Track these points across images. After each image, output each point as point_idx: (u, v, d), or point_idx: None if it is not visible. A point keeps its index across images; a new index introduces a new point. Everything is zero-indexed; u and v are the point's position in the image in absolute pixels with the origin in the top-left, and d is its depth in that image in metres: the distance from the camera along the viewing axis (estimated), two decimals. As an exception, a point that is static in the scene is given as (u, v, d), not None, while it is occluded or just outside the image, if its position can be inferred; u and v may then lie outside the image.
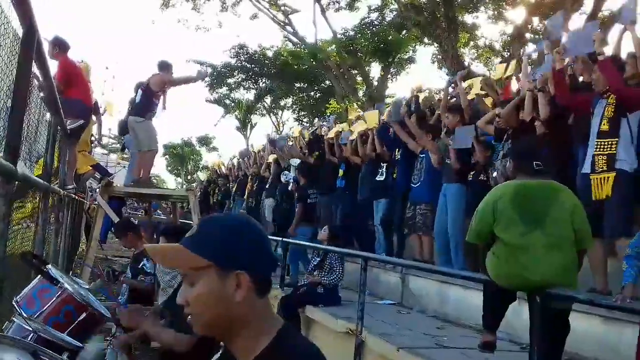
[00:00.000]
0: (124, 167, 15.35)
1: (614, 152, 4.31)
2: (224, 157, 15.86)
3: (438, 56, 19.24)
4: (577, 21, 16.60)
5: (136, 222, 8.39)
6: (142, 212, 16.60)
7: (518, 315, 4.31)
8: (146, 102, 7.71)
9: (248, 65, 27.21)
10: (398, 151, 7.34)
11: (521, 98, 5.50)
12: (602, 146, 4.39)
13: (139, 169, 7.98)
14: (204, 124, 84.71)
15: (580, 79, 5.65)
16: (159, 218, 14.36)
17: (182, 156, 47.43)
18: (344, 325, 5.44)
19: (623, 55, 5.41)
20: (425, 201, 6.56)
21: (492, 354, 3.86)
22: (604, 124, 4.44)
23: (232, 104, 31.44)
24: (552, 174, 3.89)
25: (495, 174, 5.45)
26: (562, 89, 4.85)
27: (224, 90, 30.04)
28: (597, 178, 4.38)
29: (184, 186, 37.12)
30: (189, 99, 49.87)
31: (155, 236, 8.56)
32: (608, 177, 4.30)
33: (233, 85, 29.24)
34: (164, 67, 7.90)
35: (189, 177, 44.87)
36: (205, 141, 46.64)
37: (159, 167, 48.96)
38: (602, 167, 4.35)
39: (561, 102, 4.96)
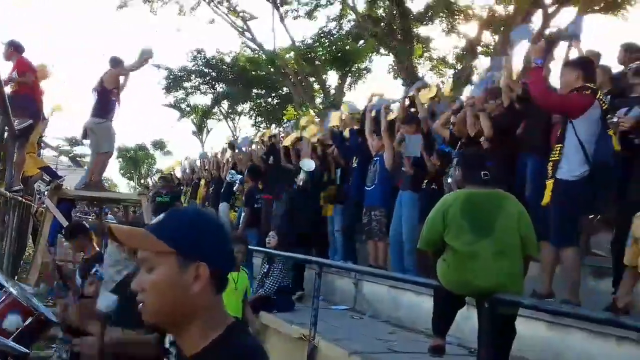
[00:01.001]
0: (75, 169, 14.93)
1: (558, 158, 4.32)
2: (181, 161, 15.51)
3: (394, 67, 19.56)
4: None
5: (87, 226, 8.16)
6: (92, 215, 16.14)
7: (467, 320, 4.43)
8: (103, 102, 7.58)
9: (205, 70, 26.96)
10: (355, 159, 7.44)
11: (465, 113, 5.67)
12: (553, 153, 4.43)
13: (92, 172, 7.82)
14: (158, 127, 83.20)
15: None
16: (111, 222, 14.00)
17: (135, 160, 46.44)
18: (298, 331, 5.45)
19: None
20: (379, 206, 6.64)
21: (441, 358, 3.95)
22: (560, 130, 4.46)
23: (188, 108, 31.03)
24: (499, 183, 4.01)
25: (450, 180, 5.60)
26: (539, 89, 4.60)
27: (180, 94, 29.64)
28: (547, 184, 4.49)
29: (137, 190, 36.28)
30: (144, 102, 49.15)
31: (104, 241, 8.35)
32: (550, 184, 4.33)
33: (190, 90, 28.89)
34: (116, 62, 7.78)
35: (142, 181, 43.92)
36: (159, 145, 45.84)
37: (112, 170, 47.75)
38: (549, 174, 4.40)
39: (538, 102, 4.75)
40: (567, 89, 4.45)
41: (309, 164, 7.56)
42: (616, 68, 5.80)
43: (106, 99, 7.56)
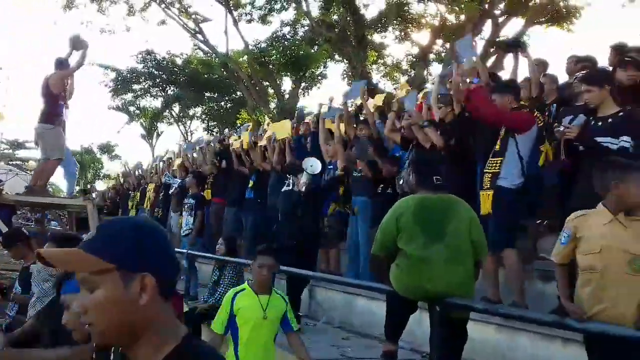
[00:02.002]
0: (17, 174, 14.28)
1: (498, 170, 4.60)
2: (129, 166, 15.06)
3: (348, 73, 19.71)
4: (477, 46, 17.62)
5: (27, 232, 7.81)
6: (34, 222, 15.48)
7: (419, 325, 4.46)
8: (51, 107, 7.29)
9: (156, 72, 26.38)
10: (311, 166, 7.40)
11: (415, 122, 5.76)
12: (491, 165, 4.70)
13: (37, 177, 7.51)
14: (105, 131, 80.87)
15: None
16: (54, 229, 13.47)
17: (81, 164, 44.97)
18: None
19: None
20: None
21: None
22: (497, 144, 4.74)
23: (138, 111, 30.29)
24: (454, 189, 4.07)
25: (401, 181, 5.65)
26: (483, 104, 4.86)
27: (129, 96, 28.89)
28: (483, 194, 4.68)
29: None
30: (90, 105, 47.51)
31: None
32: (489, 194, 4.59)
33: (139, 92, 28.20)
34: (61, 64, 7.50)
35: (88, 186, 42.59)
36: (107, 149, 44.53)
37: (56, 174, 46.04)
38: (487, 185, 4.66)
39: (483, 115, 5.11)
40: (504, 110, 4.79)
41: (315, 165, 6.47)
42: (562, 78, 6.02)
43: (54, 104, 7.29)
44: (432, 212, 3.67)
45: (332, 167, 6.87)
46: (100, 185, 26.70)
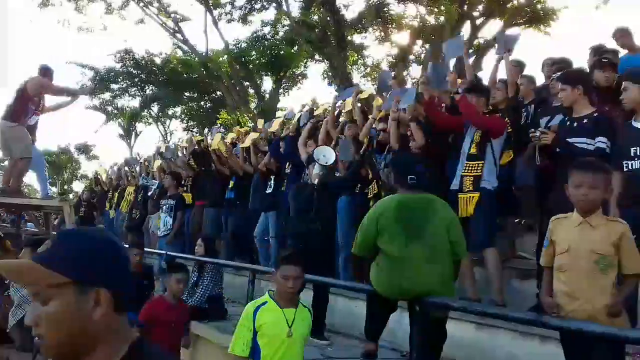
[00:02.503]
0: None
1: (480, 173, 4.74)
2: (106, 166, 14.86)
3: (328, 73, 19.74)
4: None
5: (1, 234, 7.65)
6: (9, 224, 15.19)
7: (399, 324, 4.48)
8: (21, 106, 7.15)
9: (134, 72, 26.07)
10: (288, 165, 7.39)
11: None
12: (470, 168, 4.81)
13: (8, 178, 7.35)
14: (83, 131, 79.69)
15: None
16: (30, 230, 13.23)
17: (58, 165, 44.24)
18: (230, 340, 5.31)
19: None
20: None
21: None
22: (472, 148, 4.88)
23: (115, 111, 29.91)
24: (430, 188, 4.10)
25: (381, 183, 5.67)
26: (434, 115, 5.34)
27: (107, 96, 28.52)
28: (464, 197, 4.75)
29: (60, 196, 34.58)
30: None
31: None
32: (473, 197, 4.71)
33: (117, 92, 27.85)
34: (44, 71, 7.39)
35: (65, 187, 41.94)
36: (84, 149, 43.91)
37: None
38: (469, 187, 4.76)
39: (437, 124, 5.33)
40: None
41: (329, 154, 5.74)
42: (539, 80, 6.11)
43: (23, 104, 7.15)
44: (412, 212, 3.68)
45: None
46: (78, 186, 26.30)
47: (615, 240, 2.77)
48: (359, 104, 7.07)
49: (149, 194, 9.18)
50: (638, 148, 3.75)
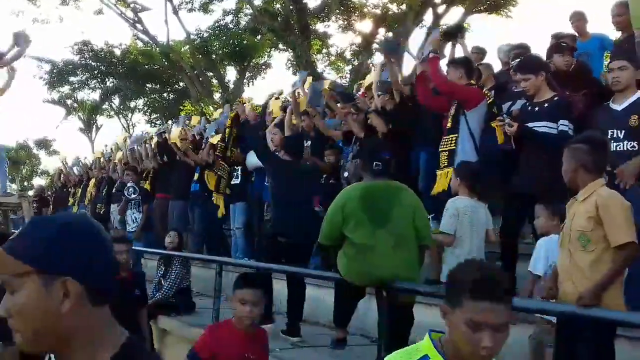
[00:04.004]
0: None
1: (454, 147, 4.62)
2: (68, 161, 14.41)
3: (293, 62, 19.62)
4: (418, 35, 17.97)
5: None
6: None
7: (368, 311, 4.51)
8: None
9: (93, 64, 25.40)
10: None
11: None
12: (445, 143, 4.72)
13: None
14: (42, 125, 77.40)
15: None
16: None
17: (17, 161, 42.91)
18: (199, 333, 5.25)
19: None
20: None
21: (344, 349, 3.98)
22: (449, 122, 4.76)
23: (75, 105, 29.13)
24: (395, 175, 4.11)
25: (346, 174, 5.67)
26: (423, 90, 5.05)
27: (66, 89, 27.75)
28: (440, 173, 4.71)
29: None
30: (24, 98, 45.24)
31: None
32: (448, 172, 4.59)
33: (76, 85, 27.11)
34: None
35: (25, 184, 40.77)
36: (44, 144, 42.69)
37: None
38: (444, 163, 4.69)
39: (421, 101, 5.20)
40: None
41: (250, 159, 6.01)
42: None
43: None
44: (377, 199, 3.69)
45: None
46: (38, 182, 25.54)
47: (593, 214, 2.69)
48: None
49: (127, 194, 8.90)
50: (616, 130, 3.84)
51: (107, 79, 26.53)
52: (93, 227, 1.15)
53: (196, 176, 8.20)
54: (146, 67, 24.55)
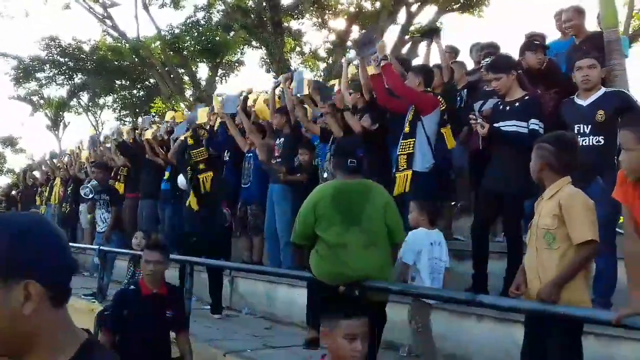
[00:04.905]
0: None
1: (412, 151, 4.75)
2: (35, 159, 14.07)
3: (266, 60, 19.48)
4: (392, 32, 18.05)
5: None
6: None
7: (341, 310, 4.48)
8: None
9: (61, 59, 24.82)
10: (227, 152, 7.26)
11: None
12: (404, 146, 4.82)
13: None
14: (8, 123, 75.34)
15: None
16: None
17: (-19, 159, 41.74)
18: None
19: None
20: (256, 201, 6.55)
21: (317, 349, 3.96)
22: (407, 127, 4.89)
23: (42, 101, 28.44)
24: (371, 174, 4.10)
25: (325, 174, 5.64)
26: (381, 92, 5.14)
27: (32, 85, 27.06)
28: (399, 176, 4.78)
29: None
30: (-11, 94, 43.87)
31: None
32: (407, 175, 4.72)
33: (43, 81, 26.46)
34: None
35: (-10, 182, 39.68)
36: (9, 142, 41.59)
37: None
38: (403, 166, 4.78)
39: (380, 102, 5.27)
40: None
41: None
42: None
43: None
44: (349, 198, 3.67)
45: (251, 155, 6.76)
46: (3, 181, 24.83)
47: (557, 212, 2.71)
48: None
49: (84, 193, 8.65)
50: (583, 125, 3.89)
51: (75, 75, 25.93)
52: (50, 227, 1.12)
53: (167, 175, 8.07)
54: (116, 63, 24.07)
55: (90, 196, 8.32)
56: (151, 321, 3.80)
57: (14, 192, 13.84)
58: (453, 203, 6.02)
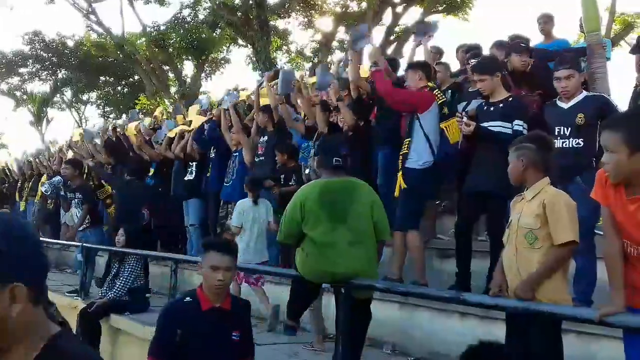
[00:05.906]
0: None
1: (407, 151, 4.69)
2: (16, 155, 13.86)
3: (252, 58, 19.43)
4: (378, 33, 18.10)
5: None
6: None
7: (326, 308, 4.51)
8: None
9: (44, 55, 24.52)
10: (213, 149, 7.22)
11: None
12: (404, 146, 4.76)
13: None
14: (-12, 118, 74.02)
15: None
16: None
17: (-39, 154, 41.06)
18: (151, 332, 5.15)
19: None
20: (236, 200, 6.53)
21: (295, 335, 4.00)
22: (407, 127, 4.83)
23: (25, 97, 28.05)
24: (355, 172, 4.11)
25: (307, 170, 5.65)
26: (385, 87, 4.96)
27: (15, 80, 26.70)
28: (398, 177, 4.77)
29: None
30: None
31: None
32: (399, 175, 4.70)
33: (26, 76, 26.11)
34: None
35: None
36: (-9, 137, 40.96)
37: None
38: (399, 166, 4.76)
39: (388, 100, 5.14)
40: (413, 88, 4.84)
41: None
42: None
43: None
44: (336, 196, 3.68)
45: (237, 154, 6.74)
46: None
47: (539, 212, 2.74)
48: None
49: (48, 194, 8.48)
50: (563, 127, 3.96)
51: (58, 71, 25.66)
52: (26, 226, 1.15)
53: (151, 171, 8.03)
54: (100, 59, 23.85)
55: (48, 193, 8.19)
56: (214, 345, 2.87)
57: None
58: (437, 202, 6.06)
